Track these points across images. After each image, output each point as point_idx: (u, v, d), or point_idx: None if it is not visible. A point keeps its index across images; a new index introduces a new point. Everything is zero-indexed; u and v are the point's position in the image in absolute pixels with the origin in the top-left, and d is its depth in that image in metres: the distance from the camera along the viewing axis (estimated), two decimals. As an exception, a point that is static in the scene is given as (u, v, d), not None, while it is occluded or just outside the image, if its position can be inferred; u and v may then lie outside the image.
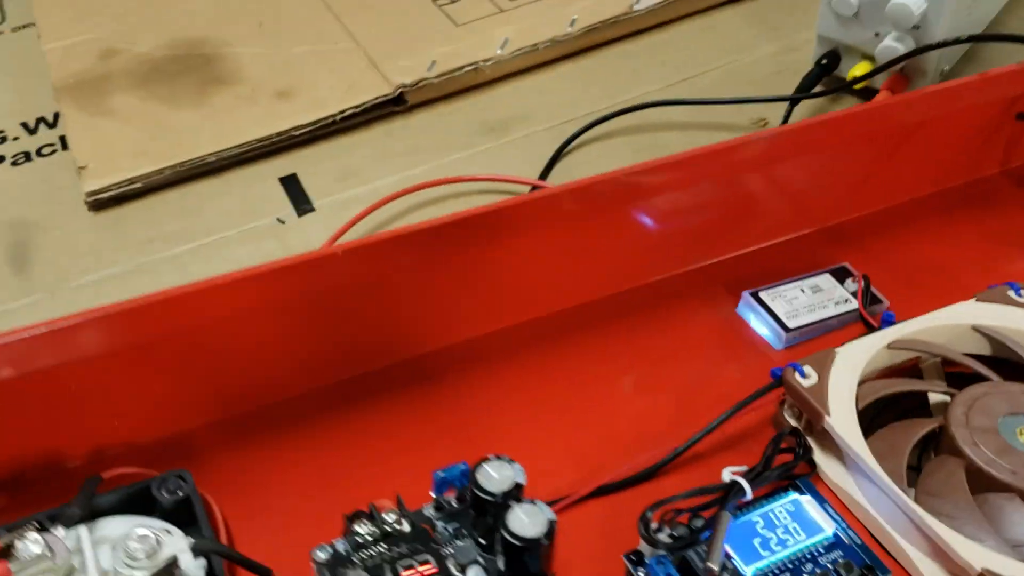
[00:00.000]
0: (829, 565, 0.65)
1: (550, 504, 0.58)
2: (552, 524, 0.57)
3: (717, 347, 0.83)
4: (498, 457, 0.60)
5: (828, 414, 0.70)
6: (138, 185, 0.90)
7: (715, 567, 0.60)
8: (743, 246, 0.90)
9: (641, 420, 0.77)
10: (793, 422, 0.75)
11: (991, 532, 0.65)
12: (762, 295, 0.84)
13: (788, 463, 0.70)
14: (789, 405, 0.75)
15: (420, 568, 0.57)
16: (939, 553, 0.65)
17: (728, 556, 0.64)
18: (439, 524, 0.62)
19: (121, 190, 0.89)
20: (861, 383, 0.73)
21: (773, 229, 0.90)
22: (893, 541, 0.68)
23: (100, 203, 0.89)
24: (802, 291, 0.85)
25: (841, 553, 0.65)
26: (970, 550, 0.62)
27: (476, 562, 0.59)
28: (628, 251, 0.84)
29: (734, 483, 0.67)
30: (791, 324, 0.82)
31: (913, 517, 0.64)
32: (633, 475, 0.71)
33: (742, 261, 0.89)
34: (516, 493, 0.59)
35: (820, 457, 0.73)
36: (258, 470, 0.71)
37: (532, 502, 0.58)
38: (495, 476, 0.59)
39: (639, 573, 0.63)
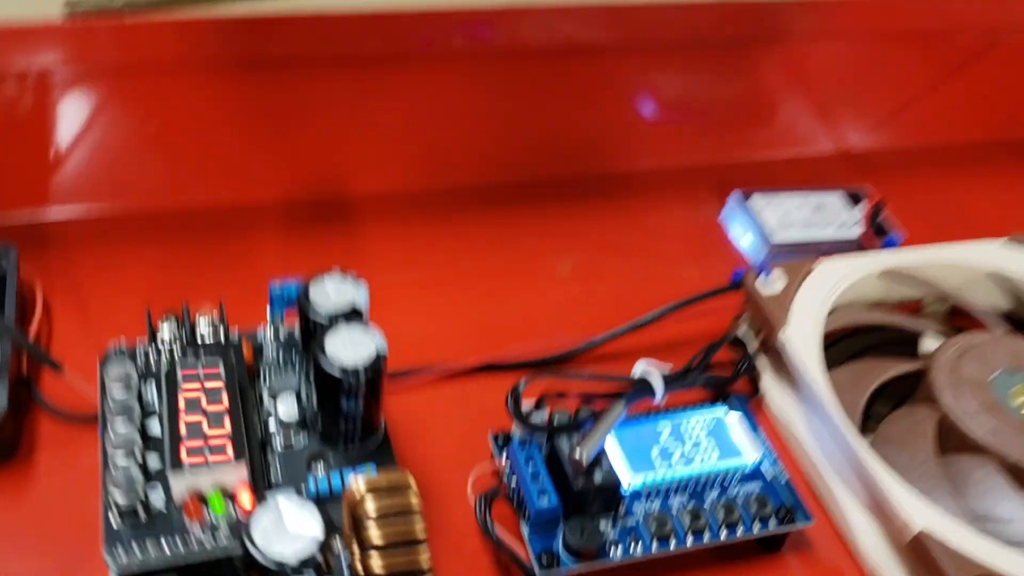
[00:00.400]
0: (739, 496, 0.52)
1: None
2: (379, 359, 0.45)
3: (684, 249, 0.70)
4: (344, 274, 0.49)
5: (784, 327, 0.57)
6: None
7: (582, 457, 0.48)
8: (748, 151, 0.76)
9: (570, 306, 0.65)
10: (749, 342, 0.62)
11: (951, 496, 0.51)
12: (754, 199, 0.71)
13: (722, 378, 0.57)
14: (748, 318, 0.62)
15: (206, 383, 0.46)
16: (877, 508, 0.51)
17: (607, 455, 0.52)
18: (270, 347, 0.51)
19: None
20: (836, 310, 0.60)
21: (789, 139, 0.77)
22: (827, 487, 0.55)
23: None
24: (802, 205, 0.71)
25: (759, 486, 0.53)
26: (912, 507, 0.49)
27: (291, 391, 0.48)
28: (617, 131, 0.72)
29: (643, 380, 0.54)
30: (777, 238, 0.69)
31: (858, 460, 0.51)
32: (536, 359, 0.59)
33: (745, 169, 0.76)
34: (353, 319, 0.47)
35: (769, 382, 0.60)
36: (105, 269, 0.61)
37: (365, 327, 0.46)
38: (330, 295, 0.47)
39: (502, 455, 0.51)
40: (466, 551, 0.50)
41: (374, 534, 0.38)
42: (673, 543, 0.49)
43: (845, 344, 0.62)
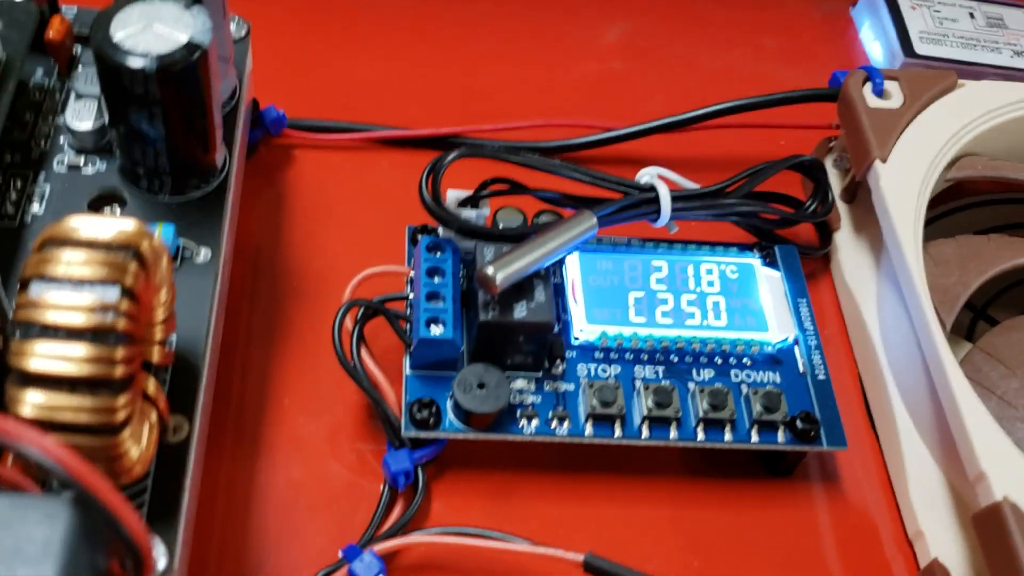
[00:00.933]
0: (744, 385, 0.35)
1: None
2: (193, 55, 0.29)
3: (785, 42, 0.51)
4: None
5: (883, 158, 0.38)
6: None
7: (495, 275, 0.31)
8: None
9: (600, 88, 0.47)
10: (836, 178, 0.43)
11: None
12: (901, -6, 0.49)
13: (771, 214, 0.39)
14: (840, 148, 0.43)
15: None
16: (948, 449, 0.34)
17: (548, 284, 0.35)
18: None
19: None
20: (969, 156, 0.40)
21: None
22: (886, 402, 0.37)
23: None
24: (972, 15, 0.50)
25: (780, 378, 0.35)
26: (1001, 459, 0.31)
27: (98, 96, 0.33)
28: None
29: (651, 187, 0.36)
30: (921, 49, 0.48)
31: (938, 373, 0.33)
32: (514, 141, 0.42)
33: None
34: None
35: (845, 239, 0.41)
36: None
37: (190, 4, 0.30)
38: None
39: (413, 251, 0.36)
40: (328, 390, 0.35)
41: (32, 333, 0.23)
42: (619, 430, 0.33)
43: (973, 213, 0.43)
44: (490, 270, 0.31)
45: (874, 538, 0.35)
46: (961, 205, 0.43)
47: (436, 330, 0.32)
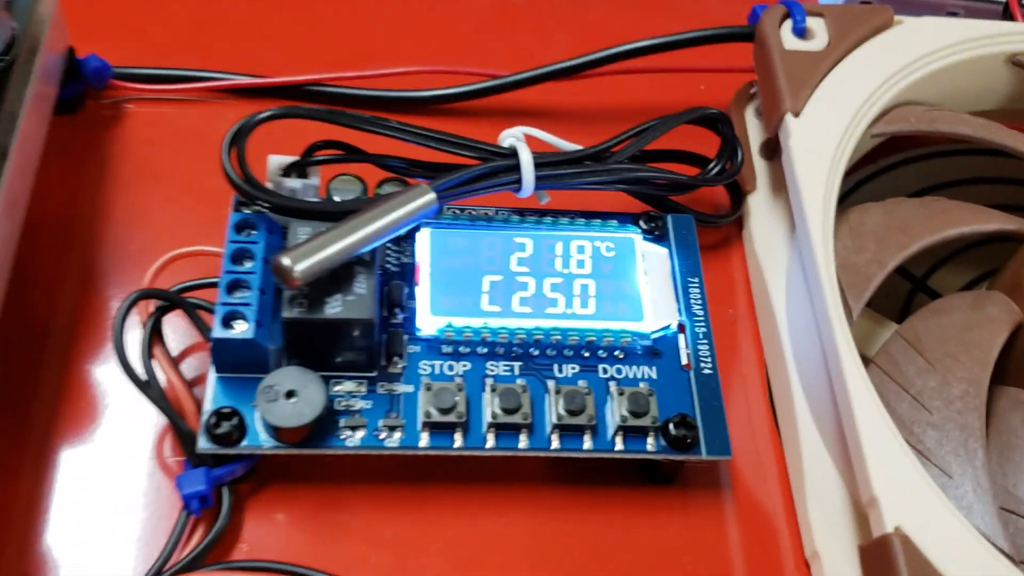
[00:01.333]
0: (613, 381, 0.30)
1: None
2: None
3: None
4: None
5: (795, 111, 0.32)
6: None
7: (292, 267, 0.26)
8: None
9: (496, 24, 0.41)
10: (757, 131, 0.37)
11: (982, 470, 0.28)
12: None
13: (659, 176, 0.33)
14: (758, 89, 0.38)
15: None
16: (847, 462, 0.29)
17: (408, 279, 0.30)
18: None
19: None
20: (906, 106, 0.34)
21: None
22: (788, 404, 0.32)
23: None
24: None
25: (655, 376, 0.30)
26: (896, 477, 0.26)
27: None
28: None
29: (504, 153, 0.31)
30: (870, -26, 0.42)
31: (838, 377, 0.28)
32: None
33: None
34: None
35: (760, 205, 0.36)
36: None
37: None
38: None
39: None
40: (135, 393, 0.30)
41: None
42: (459, 439, 0.28)
43: (915, 170, 0.37)
44: (286, 260, 0.26)
45: (767, 557, 0.30)
46: (899, 161, 0.37)
47: (236, 329, 0.27)
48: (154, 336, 0.29)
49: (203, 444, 0.27)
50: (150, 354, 0.29)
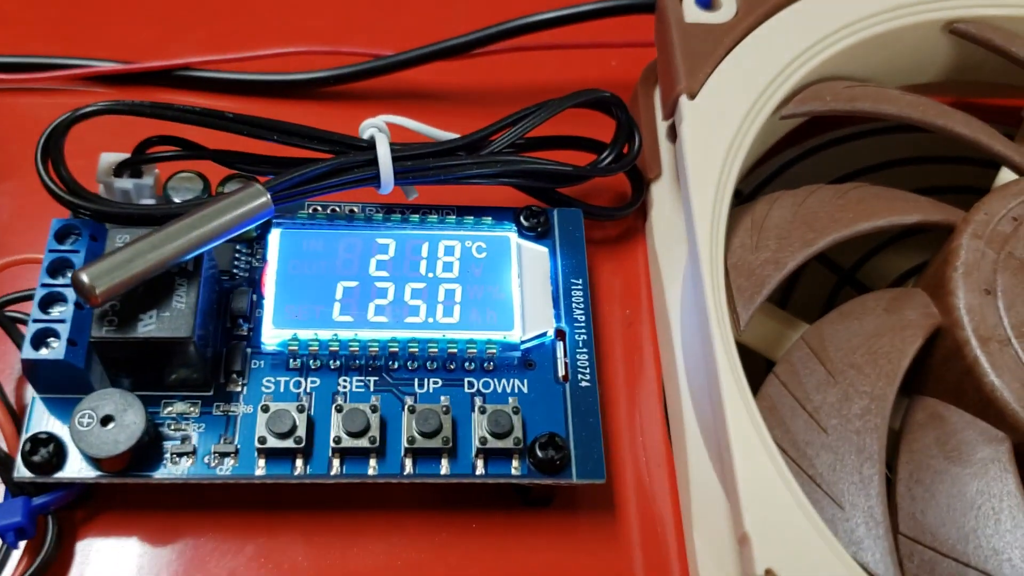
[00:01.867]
0: (479, 396, 0.27)
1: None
2: None
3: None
4: None
5: (691, 93, 0.29)
6: None
7: (89, 283, 0.24)
8: None
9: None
10: (645, 112, 0.34)
11: (873, 499, 0.25)
12: None
13: (542, 166, 0.30)
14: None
15: None
16: (728, 488, 0.26)
17: (257, 289, 0.28)
18: None
19: None
20: (828, 81, 0.31)
21: None
22: (679, 418, 0.29)
23: None
24: None
25: (526, 390, 0.27)
26: (767, 521, 0.23)
27: None
28: None
29: (371, 143, 0.28)
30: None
31: (715, 396, 0.25)
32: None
33: None
34: None
35: (664, 195, 0.32)
36: None
37: None
38: None
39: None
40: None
41: None
42: (300, 466, 0.26)
43: (839, 152, 0.34)
44: (84, 276, 0.24)
45: (654, 587, 0.28)
46: (827, 142, 0.34)
47: (48, 349, 0.25)
48: (-29, 352, 0.27)
49: (19, 472, 0.25)
50: (-36, 373, 0.27)
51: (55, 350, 0.25)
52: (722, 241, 0.27)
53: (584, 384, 0.28)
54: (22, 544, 0.26)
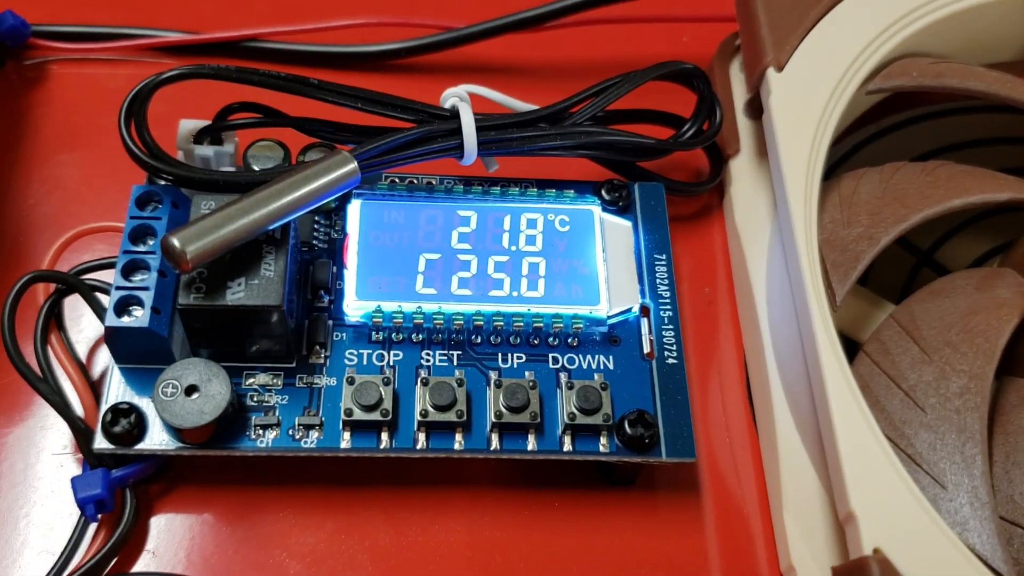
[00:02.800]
0: (564, 372, 0.26)
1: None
2: None
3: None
4: None
5: (779, 65, 0.28)
6: None
7: (183, 247, 0.23)
8: None
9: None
10: (742, 87, 0.33)
11: (978, 477, 0.24)
12: None
13: (626, 139, 0.29)
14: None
15: None
16: (823, 467, 0.25)
17: (338, 261, 0.27)
18: None
19: None
20: (905, 56, 0.30)
21: None
22: (766, 396, 0.28)
23: None
24: None
25: (612, 367, 0.27)
26: (874, 500, 0.22)
27: None
28: None
29: (454, 112, 0.28)
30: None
31: (816, 373, 0.24)
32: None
33: None
34: None
35: (743, 170, 0.32)
36: None
37: None
38: None
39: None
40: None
41: None
42: (386, 439, 0.25)
43: (919, 131, 0.33)
44: (175, 240, 0.23)
45: (738, 570, 0.27)
46: (905, 120, 0.33)
47: (131, 317, 0.24)
48: (50, 323, 0.26)
49: (99, 443, 0.25)
50: (46, 342, 0.26)
51: (139, 318, 0.24)
52: (815, 217, 0.27)
53: (671, 361, 0.27)
54: (99, 518, 0.25)
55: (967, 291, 0.28)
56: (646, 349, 0.27)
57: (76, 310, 0.28)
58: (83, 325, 0.28)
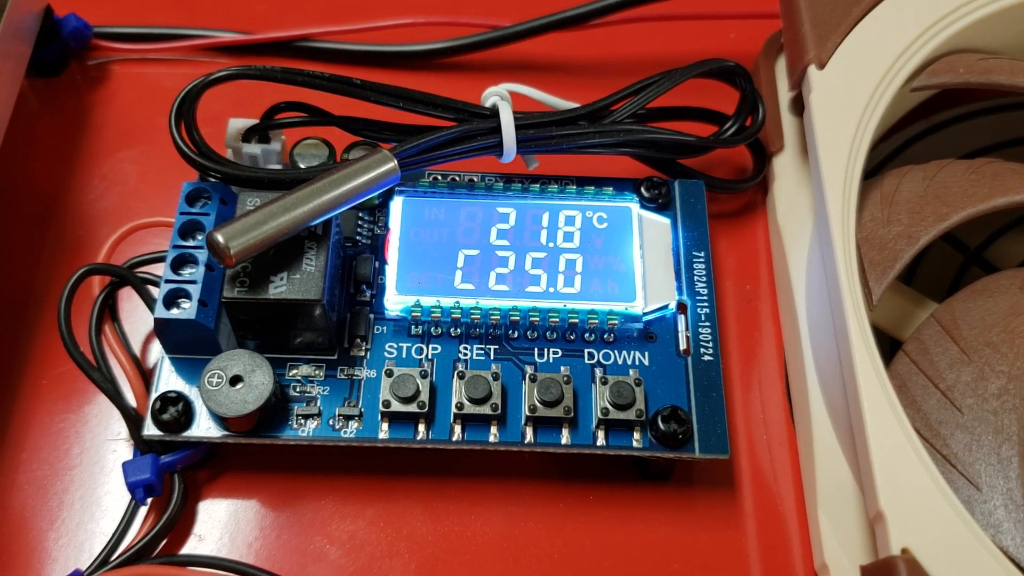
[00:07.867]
0: (599, 368, 0.27)
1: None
2: None
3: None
4: None
5: (820, 63, 0.28)
6: None
7: (224, 243, 0.24)
8: None
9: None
10: (786, 82, 0.33)
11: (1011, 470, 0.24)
12: None
13: (669, 137, 0.30)
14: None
15: None
16: (856, 467, 0.25)
17: (380, 256, 0.28)
18: None
19: None
20: (952, 53, 0.30)
21: None
22: (803, 393, 0.28)
23: None
24: None
25: (647, 363, 0.27)
26: (903, 499, 0.22)
27: None
28: None
29: (494, 110, 0.28)
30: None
31: (849, 372, 0.24)
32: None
33: None
34: None
35: (787, 167, 0.32)
36: None
37: None
38: None
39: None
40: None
41: None
42: (423, 431, 0.26)
43: (971, 126, 0.32)
44: (220, 236, 0.24)
45: (773, 568, 0.27)
46: (955, 117, 0.33)
47: (179, 309, 0.25)
48: (104, 314, 0.27)
49: (148, 430, 0.26)
50: (100, 333, 0.27)
51: (187, 310, 0.25)
52: (853, 215, 0.26)
53: (707, 358, 0.27)
54: (148, 502, 0.27)
55: (1011, 291, 0.27)
56: (682, 346, 0.27)
57: (130, 302, 0.29)
58: (136, 317, 0.29)
